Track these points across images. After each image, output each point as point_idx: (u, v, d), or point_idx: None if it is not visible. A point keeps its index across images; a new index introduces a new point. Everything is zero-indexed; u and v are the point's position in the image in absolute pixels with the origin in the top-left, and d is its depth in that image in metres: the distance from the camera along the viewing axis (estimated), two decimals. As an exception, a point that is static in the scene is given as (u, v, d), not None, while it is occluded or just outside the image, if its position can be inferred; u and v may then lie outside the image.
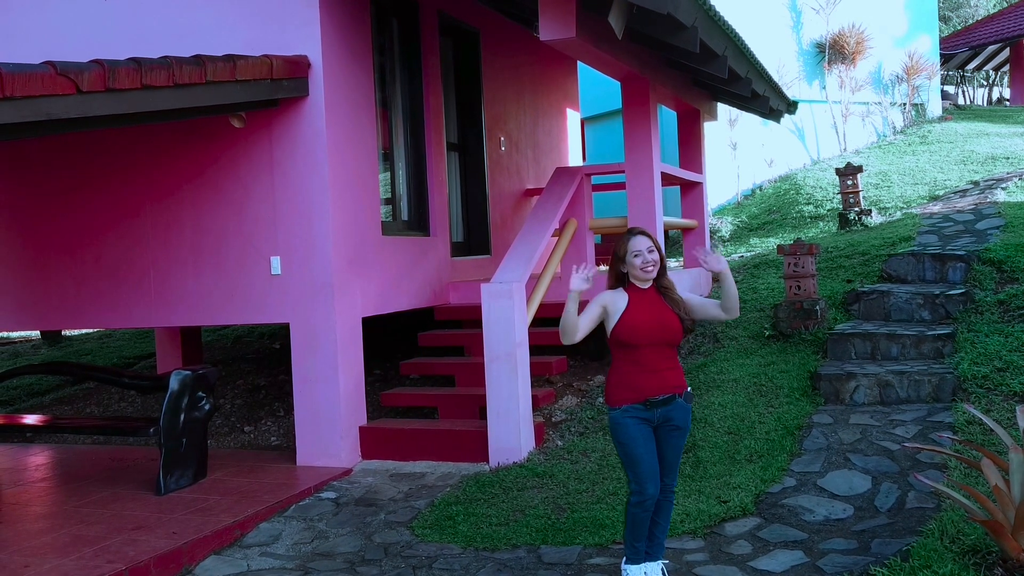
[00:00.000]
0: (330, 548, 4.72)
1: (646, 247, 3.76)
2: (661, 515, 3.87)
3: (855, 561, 4.01)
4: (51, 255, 6.63)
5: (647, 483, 3.68)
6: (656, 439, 3.80)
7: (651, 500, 3.70)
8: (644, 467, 3.68)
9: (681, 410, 3.79)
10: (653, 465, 3.71)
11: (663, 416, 3.76)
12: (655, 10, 4.70)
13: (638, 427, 3.71)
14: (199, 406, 5.67)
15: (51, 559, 4.35)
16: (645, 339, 3.72)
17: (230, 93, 5.23)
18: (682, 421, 3.80)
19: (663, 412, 3.75)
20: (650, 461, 3.70)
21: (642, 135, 6.87)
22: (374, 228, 6.44)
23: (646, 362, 3.74)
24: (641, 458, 3.68)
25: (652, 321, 3.73)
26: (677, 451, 3.86)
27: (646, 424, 3.74)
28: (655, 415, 3.74)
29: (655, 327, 3.73)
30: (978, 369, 5.65)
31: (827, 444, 5.26)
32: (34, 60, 6.15)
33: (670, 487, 3.90)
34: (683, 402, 3.80)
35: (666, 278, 3.85)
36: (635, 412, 3.72)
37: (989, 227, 7.94)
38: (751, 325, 7.29)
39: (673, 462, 3.87)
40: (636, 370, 3.74)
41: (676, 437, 3.81)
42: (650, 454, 3.71)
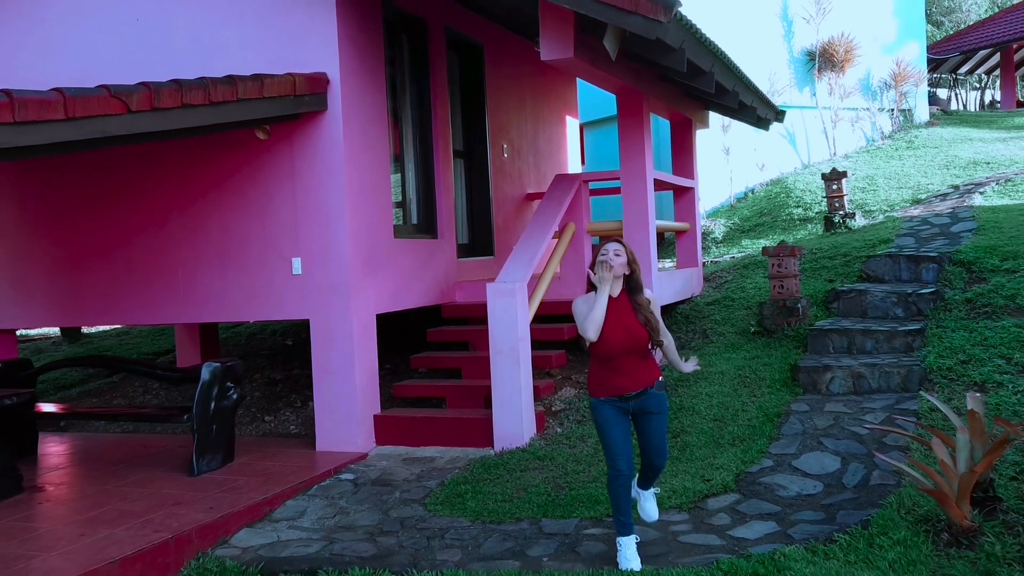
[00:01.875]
0: (351, 522, 5.22)
1: (613, 250, 4.20)
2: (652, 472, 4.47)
3: (821, 529, 4.50)
4: (86, 256, 7.13)
5: (619, 460, 4.18)
6: (638, 426, 4.30)
7: (624, 476, 4.18)
8: (617, 448, 4.19)
9: (654, 399, 4.27)
10: (625, 446, 4.20)
11: (638, 406, 4.25)
12: (645, 35, 5.20)
13: (614, 414, 4.21)
14: (227, 395, 6.17)
15: (103, 530, 4.85)
16: (617, 351, 4.18)
17: (258, 109, 5.73)
18: (656, 407, 4.29)
19: (637, 403, 4.24)
20: (622, 442, 4.19)
21: (636, 144, 7.37)
22: (386, 231, 6.94)
23: (619, 366, 4.21)
24: (614, 439, 4.19)
25: (622, 335, 4.16)
26: (660, 433, 4.35)
27: (622, 412, 4.24)
28: (630, 406, 4.24)
29: (625, 340, 4.17)
30: (943, 361, 6.14)
31: (803, 429, 5.76)
32: (70, 74, 6.71)
33: (660, 466, 4.40)
34: (655, 391, 4.28)
35: (641, 295, 4.27)
36: (612, 403, 4.23)
37: (963, 230, 8.43)
38: (738, 322, 7.79)
39: (659, 444, 4.36)
40: (611, 373, 4.22)
41: (655, 421, 4.30)
42: (623, 436, 4.20)
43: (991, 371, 5.89)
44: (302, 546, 4.91)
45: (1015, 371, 5.84)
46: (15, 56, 7.22)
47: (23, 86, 6.81)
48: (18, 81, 7.07)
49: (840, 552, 4.22)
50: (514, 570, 4.34)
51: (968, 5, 24.78)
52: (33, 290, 7.28)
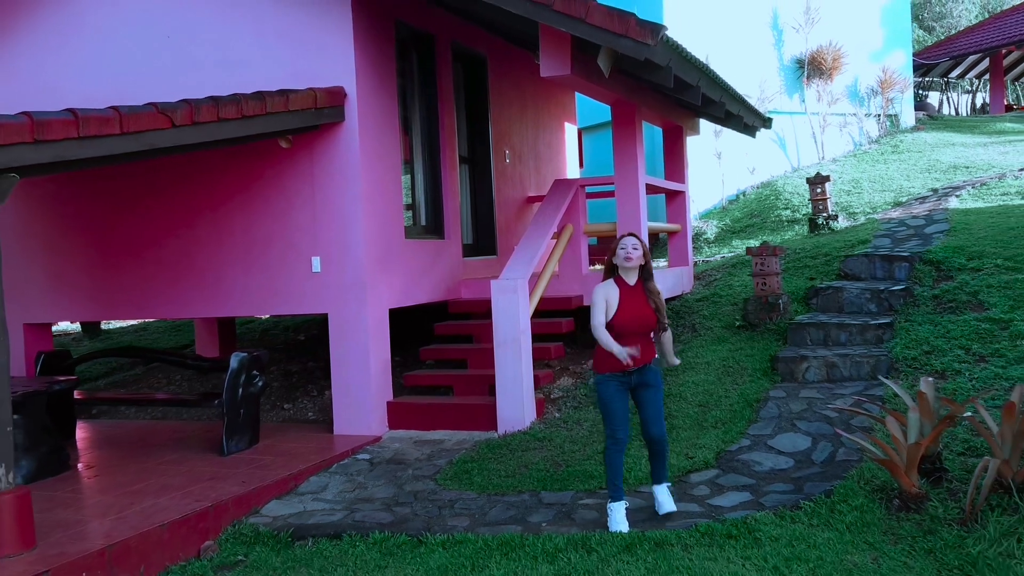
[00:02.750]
0: (369, 495, 5.79)
1: (631, 245, 4.84)
2: (659, 458, 5.00)
3: (790, 499, 5.07)
4: (120, 256, 7.70)
5: (618, 430, 4.78)
6: (637, 399, 4.89)
7: (622, 444, 4.78)
8: (617, 418, 4.79)
9: (652, 373, 4.89)
10: (624, 417, 4.80)
11: (639, 380, 4.85)
12: (635, 56, 5.77)
13: (616, 387, 4.80)
14: (254, 383, 6.74)
15: (149, 499, 5.42)
16: (629, 329, 4.81)
17: (283, 121, 6.30)
18: (654, 380, 4.89)
19: (639, 377, 4.85)
20: (622, 414, 4.79)
21: (629, 152, 7.94)
22: (398, 232, 7.51)
23: (627, 343, 4.81)
24: (615, 411, 4.78)
25: (636, 316, 4.82)
26: (656, 404, 4.92)
27: (623, 386, 4.82)
28: (632, 380, 4.83)
29: (638, 320, 4.82)
30: (909, 352, 6.71)
31: (779, 413, 6.33)
32: (107, 89, 7.29)
33: (660, 437, 4.96)
34: (653, 367, 4.89)
35: (652, 282, 4.91)
36: (616, 377, 4.81)
37: (936, 231, 8.99)
38: (725, 317, 8.36)
39: (655, 415, 4.93)
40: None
41: (652, 393, 4.89)
42: (623, 408, 4.80)
43: (951, 360, 6.45)
44: (326, 515, 5.48)
45: (972, 360, 6.41)
46: (54, 70, 7.79)
47: (62, 100, 7.43)
48: (57, 95, 7.66)
49: (805, 517, 4.78)
50: (516, 533, 4.90)
51: (959, 11, 25.34)
52: (70, 287, 7.84)
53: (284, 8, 7.08)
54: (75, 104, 7.39)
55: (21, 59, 7.92)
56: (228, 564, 4.98)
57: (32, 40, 7.88)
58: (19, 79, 7.92)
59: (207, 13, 7.30)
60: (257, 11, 7.16)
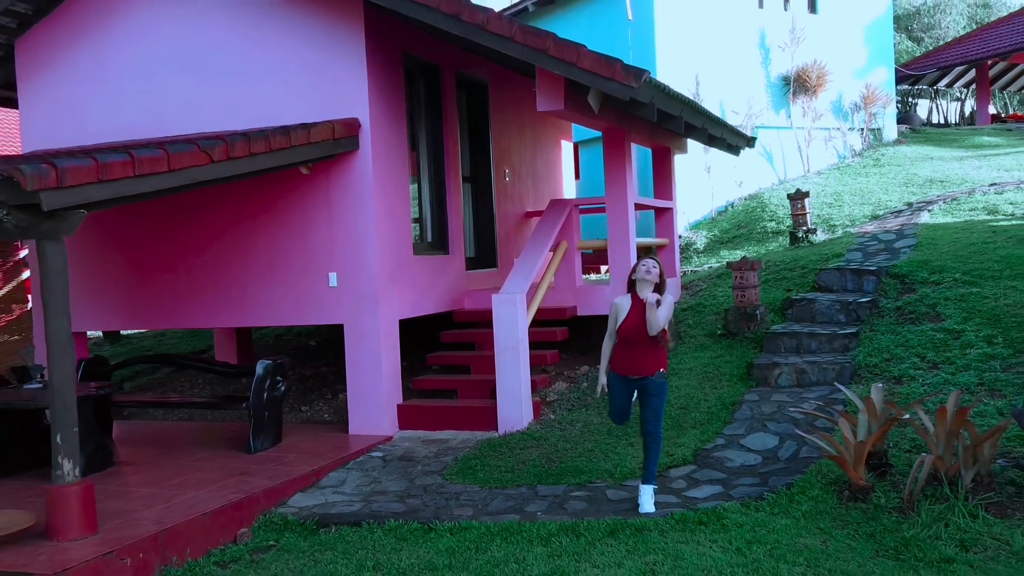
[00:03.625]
0: (383, 488, 6.48)
1: (651, 264, 5.65)
2: (651, 454, 5.69)
3: (756, 491, 5.77)
4: (152, 271, 8.39)
5: (615, 417, 5.79)
6: (640, 402, 5.70)
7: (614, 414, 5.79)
8: (614, 406, 5.78)
9: (652, 384, 5.64)
10: (620, 409, 5.76)
11: (639, 386, 5.66)
12: (620, 97, 6.47)
13: (620, 385, 5.70)
14: (277, 387, 7.44)
15: (189, 492, 6.12)
16: (629, 336, 5.60)
17: (305, 152, 7.00)
18: (655, 390, 5.65)
19: (639, 384, 5.65)
20: (619, 405, 5.74)
21: (619, 174, 8.63)
22: (407, 249, 8.21)
23: (633, 351, 5.62)
24: (615, 401, 5.76)
25: (636, 326, 5.58)
26: (653, 408, 5.63)
27: (626, 385, 5.67)
28: (633, 385, 5.65)
29: (638, 330, 5.57)
30: (871, 359, 7.41)
31: (752, 415, 7.02)
32: (140, 120, 8.00)
33: (652, 433, 5.66)
34: (656, 379, 5.62)
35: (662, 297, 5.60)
36: (622, 378, 5.69)
37: (904, 246, 9.69)
38: (707, 326, 9.05)
39: (651, 416, 5.65)
40: (625, 354, 5.67)
41: (651, 400, 5.63)
42: (621, 400, 5.71)
43: (907, 367, 7.16)
44: (346, 506, 6.18)
45: (926, 367, 7.11)
46: (92, 101, 8.48)
47: (99, 130, 8.13)
48: (94, 125, 8.37)
49: (767, 506, 5.48)
50: (515, 521, 5.60)
51: (947, 22, 26.02)
52: (107, 298, 8.53)
53: (304, 43, 7.76)
54: (111, 134, 8.15)
55: (61, 90, 8.61)
56: (262, 548, 5.67)
57: (71, 72, 8.57)
58: (60, 109, 8.61)
59: (234, 47, 7.98)
60: (280, 46, 7.85)
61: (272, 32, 7.85)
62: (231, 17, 7.98)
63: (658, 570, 4.74)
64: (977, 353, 7.03)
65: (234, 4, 7.95)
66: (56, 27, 8.61)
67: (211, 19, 8.04)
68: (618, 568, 4.80)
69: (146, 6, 8.27)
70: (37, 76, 8.73)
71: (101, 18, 8.45)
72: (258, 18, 7.88)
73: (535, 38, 6.55)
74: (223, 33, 8.01)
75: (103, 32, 8.45)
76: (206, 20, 8.05)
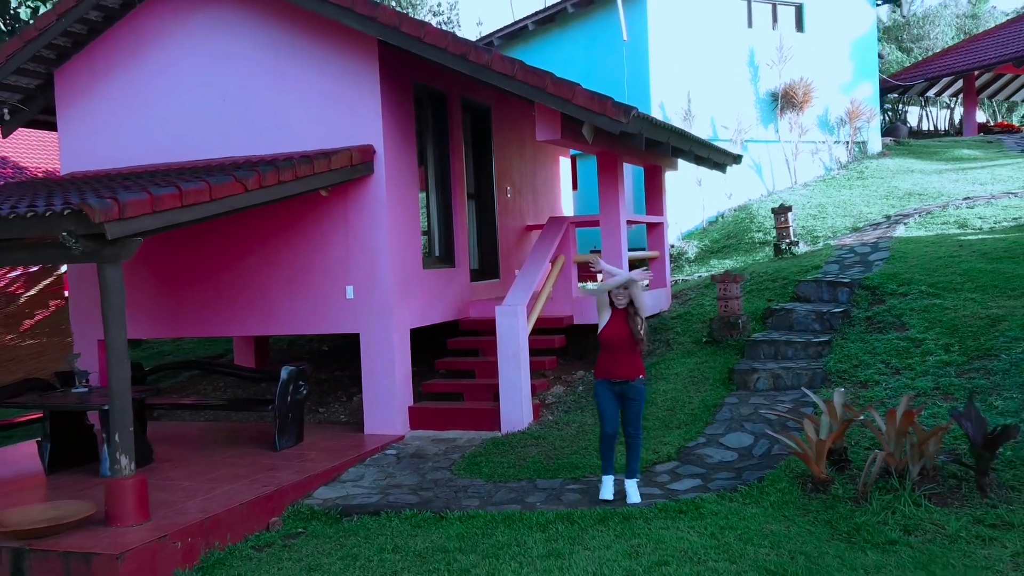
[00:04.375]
0: (398, 482, 7.21)
1: (624, 294, 6.31)
2: (633, 452, 6.39)
3: (731, 484, 6.49)
4: (182, 283, 9.11)
5: (607, 425, 6.32)
6: (622, 405, 6.35)
7: (609, 437, 6.31)
8: (606, 415, 6.34)
9: (634, 389, 6.31)
10: (610, 415, 6.32)
11: (621, 391, 6.30)
12: (611, 130, 7.20)
13: (606, 391, 6.32)
14: (299, 391, 8.16)
15: (225, 485, 6.84)
16: (613, 342, 6.26)
17: (326, 178, 7.73)
18: (635, 395, 6.32)
19: (621, 388, 6.30)
20: (609, 413, 6.31)
21: (612, 193, 9.35)
22: (417, 264, 8.93)
23: (614, 356, 6.31)
24: (605, 410, 6.34)
25: (618, 332, 6.29)
26: (634, 411, 6.34)
27: (612, 391, 6.31)
28: (617, 389, 6.29)
29: (619, 335, 6.27)
30: (840, 365, 8.13)
31: (731, 416, 7.75)
32: (169, 144, 8.73)
33: (634, 434, 6.37)
34: (636, 384, 6.31)
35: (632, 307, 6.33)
36: (606, 384, 6.30)
37: (878, 259, 10.40)
38: (695, 333, 9.78)
39: (632, 418, 6.35)
40: (608, 360, 6.35)
41: (632, 404, 6.32)
42: (610, 409, 6.31)
43: (873, 373, 7.88)
44: (366, 497, 6.90)
45: (890, 373, 7.83)
46: (126, 128, 9.20)
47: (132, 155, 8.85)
48: (128, 150, 9.09)
49: (740, 497, 6.20)
50: (516, 510, 6.32)
51: (936, 33, 26.74)
52: (140, 308, 9.23)
53: (324, 75, 8.48)
54: (143, 157, 8.90)
55: (97, 116, 9.34)
56: (292, 534, 6.39)
57: (106, 100, 9.29)
58: (95, 133, 9.34)
59: (259, 78, 8.70)
60: (301, 77, 8.57)
61: (294, 65, 8.57)
62: (257, 50, 8.70)
63: (641, 552, 5.46)
64: (935, 360, 7.76)
65: (260, 39, 8.68)
66: (92, 58, 9.33)
67: (238, 52, 8.76)
68: (607, 550, 5.52)
69: (177, 40, 8.99)
70: (74, 103, 9.45)
71: (134, 50, 9.18)
72: (282, 52, 8.61)
73: (535, 77, 7.28)
74: (249, 65, 8.73)
75: (136, 63, 9.18)
76: (234, 53, 8.77)
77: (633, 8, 14.85)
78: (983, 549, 5.12)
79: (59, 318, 12.52)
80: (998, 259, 9.52)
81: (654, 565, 5.24)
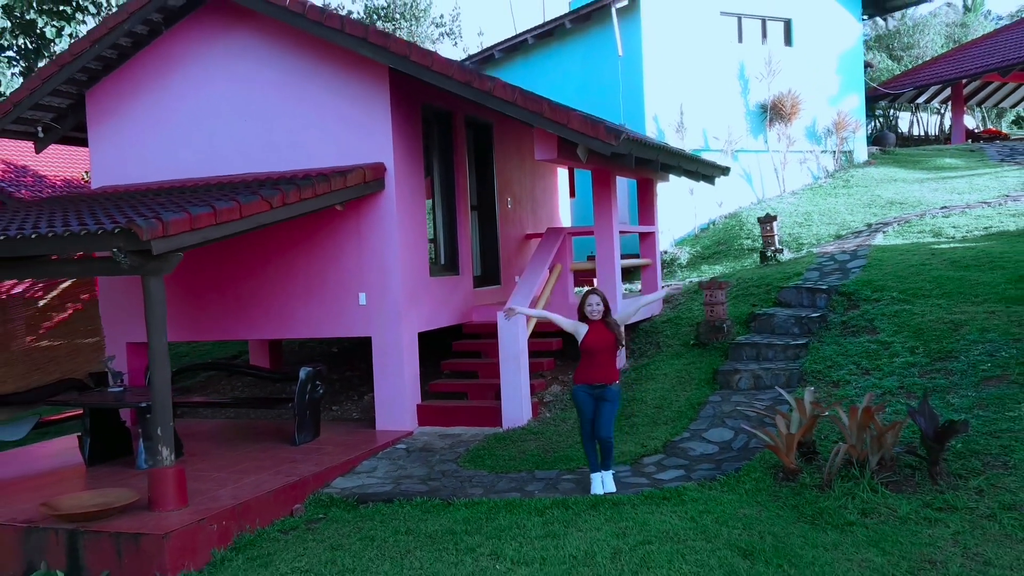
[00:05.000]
0: (409, 473, 7.89)
1: (595, 302, 6.95)
2: (606, 451, 7.04)
3: (711, 474, 7.17)
4: (205, 290, 9.79)
5: (586, 425, 6.91)
6: (596, 408, 6.97)
7: (589, 436, 6.89)
8: (586, 417, 6.90)
9: (610, 391, 6.95)
10: (590, 417, 6.89)
11: (599, 394, 6.94)
12: (603, 152, 7.88)
13: (585, 395, 6.91)
14: (316, 390, 8.85)
15: (251, 476, 7.52)
16: (596, 349, 6.92)
17: (342, 194, 8.41)
18: (611, 396, 6.95)
19: (599, 392, 6.94)
20: (589, 414, 6.89)
21: (605, 207, 10.04)
22: (424, 272, 9.62)
23: (595, 360, 6.93)
24: (584, 412, 6.91)
25: (599, 340, 6.92)
26: (607, 414, 6.97)
27: (591, 394, 6.92)
28: (595, 392, 6.93)
29: (600, 343, 6.92)
30: (815, 366, 8.82)
31: (714, 413, 8.43)
32: (193, 161, 9.41)
33: (606, 438, 7.03)
34: (612, 388, 6.96)
35: (610, 316, 7.00)
36: (585, 388, 6.92)
37: (855, 266, 11.09)
38: (683, 336, 10.46)
39: (605, 422, 6.98)
40: (589, 366, 6.95)
41: (606, 406, 6.95)
42: (589, 410, 6.89)
43: (845, 373, 8.56)
44: (380, 487, 7.58)
45: (860, 373, 8.52)
46: (152, 145, 9.89)
47: (158, 170, 9.53)
48: (154, 166, 9.77)
49: (718, 486, 6.88)
50: (517, 497, 7.00)
51: (925, 41, 27.43)
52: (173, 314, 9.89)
53: (339, 98, 9.17)
54: (169, 172, 9.58)
55: (125, 134, 10.03)
56: (314, 519, 7.08)
57: (134, 119, 9.99)
58: (124, 150, 10.03)
59: (279, 100, 9.39)
60: (318, 100, 9.26)
61: (311, 88, 9.26)
62: (277, 74, 9.39)
63: (628, 533, 6.13)
64: (901, 361, 8.44)
65: (280, 64, 9.37)
66: (121, 80, 10.02)
67: (259, 76, 9.45)
68: (597, 532, 6.20)
69: (201, 64, 9.68)
70: (105, 122, 10.14)
71: (161, 73, 9.86)
72: (300, 76, 9.30)
73: (534, 103, 7.97)
74: (269, 88, 9.42)
75: (162, 85, 9.87)
76: (254, 77, 9.46)
77: (628, 24, 15.53)
78: (929, 529, 5.80)
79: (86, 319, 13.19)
80: (965, 267, 10.21)
81: (638, 544, 5.92)
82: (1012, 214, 12.76)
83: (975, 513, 5.90)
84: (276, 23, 9.22)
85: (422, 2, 21.24)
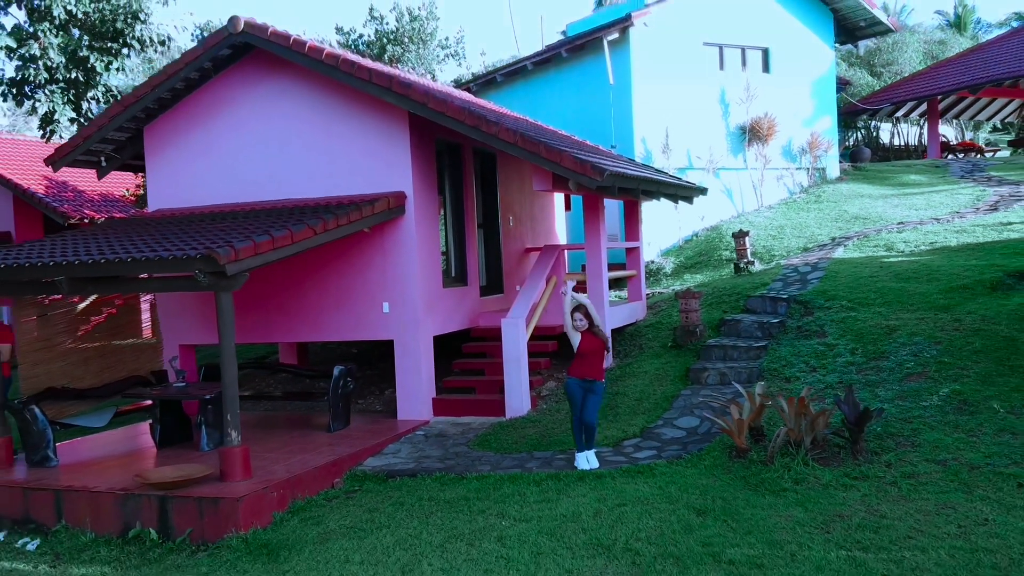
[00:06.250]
0: (427, 454, 9.43)
1: (579, 318, 8.51)
2: (590, 434, 8.58)
3: (678, 453, 8.70)
4: (252, 301, 11.32)
5: (575, 410, 8.46)
6: (584, 399, 8.52)
7: (576, 422, 8.45)
8: (576, 404, 8.45)
9: (597, 385, 8.49)
10: (579, 405, 8.44)
11: (588, 387, 8.49)
12: (589, 186, 9.43)
13: (577, 386, 8.46)
14: (348, 385, 10.39)
15: (299, 456, 9.06)
16: (587, 352, 8.47)
17: (370, 220, 9.96)
18: (597, 389, 8.50)
19: (588, 385, 8.49)
20: (580, 402, 8.44)
21: (594, 227, 11.58)
22: (438, 284, 11.16)
23: (586, 361, 8.47)
24: (575, 400, 8.46)
25: (589, 346, 8.47)
26: (593, 404, 8.51)
27: (582, 387, 8.47)
28: (584, 385, 8.49)
29: (592, 347, 8.47)
30: (772, 365, 10.36)
31: (685, 405, 9.97)
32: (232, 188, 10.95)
33: (590, 422, 8.56)
34: (598, 383, 8.51)
35: (595, 326, 8.55)
36: (577, 381, 8.48)
37: (814, 277, 12.63)
38: (663, 339, 12.01)
39: (591, 411, 8.52)
40: (581, 364, 8.49)
41: (593, 396, 8.50)
42: (579, 399, 8.44)
43: (795, 371, 10.10)
44: (404, 465, 9.13)
45: (808, 370, 10.06)
46: (199, 175, 11.44)
47: (205, 196, 11.07)
48: (201, 193, 11.32)
49: (683, 463, 8.42)
50: (518, 472, 8.54)
51: (904, 58, 28.97)
52: (211, 321, 11.47)
53: (365, 135, 10.71)
54: (218, 198, 11.13)
55: (179, 164, 11.58)
56: (352, 491, 8.62)
57: (187, 152, 11.54)
58: (177, 178, 11.58)
59: (313, 135, 10.94)
60: (347, 136, 10.81)
61: (341, 126, 10.81)
62: (312, 113, 10.94)
63: (608, 498, 7.67)
64: (843, 361, 9.98)
65: (314, 105, 10.92)
66: (176, 117, 11.57)
67: (297, 116, 11.01)
68: (583, 498, 7.73)
69: (246, 104, 11.23)
70: (160, 153, 11.69)
71: (210, 112, 11.41)
72: (332, 116, 10.85)
73: (532, 144, 9.52)
74: (305, 126, 10.97)
75: (212, 121, 11.42)
76: (293, 116, 11.02)
77: (618, 54, 17.08)
78: (843, 493, 7.35)
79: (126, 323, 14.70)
80: (907, 279, 11.75)
81: (615, 506, 7.46)
82: (956, 231, 14.29)
83: (882, 480, 7.45)
84: (311, 71, 10.77)
85: (428, 26, 22.77)
